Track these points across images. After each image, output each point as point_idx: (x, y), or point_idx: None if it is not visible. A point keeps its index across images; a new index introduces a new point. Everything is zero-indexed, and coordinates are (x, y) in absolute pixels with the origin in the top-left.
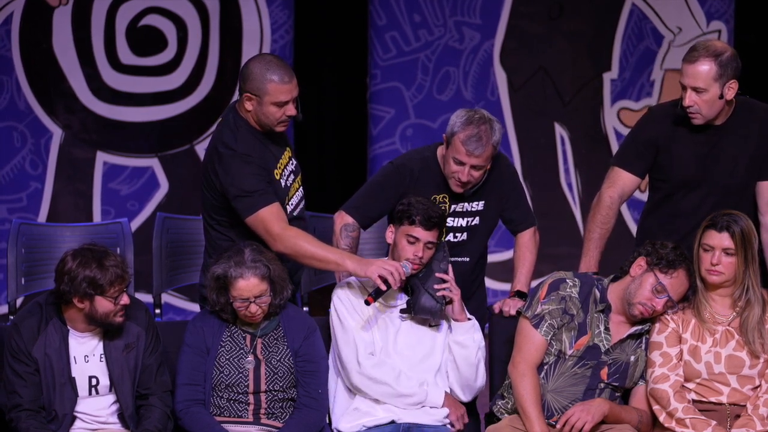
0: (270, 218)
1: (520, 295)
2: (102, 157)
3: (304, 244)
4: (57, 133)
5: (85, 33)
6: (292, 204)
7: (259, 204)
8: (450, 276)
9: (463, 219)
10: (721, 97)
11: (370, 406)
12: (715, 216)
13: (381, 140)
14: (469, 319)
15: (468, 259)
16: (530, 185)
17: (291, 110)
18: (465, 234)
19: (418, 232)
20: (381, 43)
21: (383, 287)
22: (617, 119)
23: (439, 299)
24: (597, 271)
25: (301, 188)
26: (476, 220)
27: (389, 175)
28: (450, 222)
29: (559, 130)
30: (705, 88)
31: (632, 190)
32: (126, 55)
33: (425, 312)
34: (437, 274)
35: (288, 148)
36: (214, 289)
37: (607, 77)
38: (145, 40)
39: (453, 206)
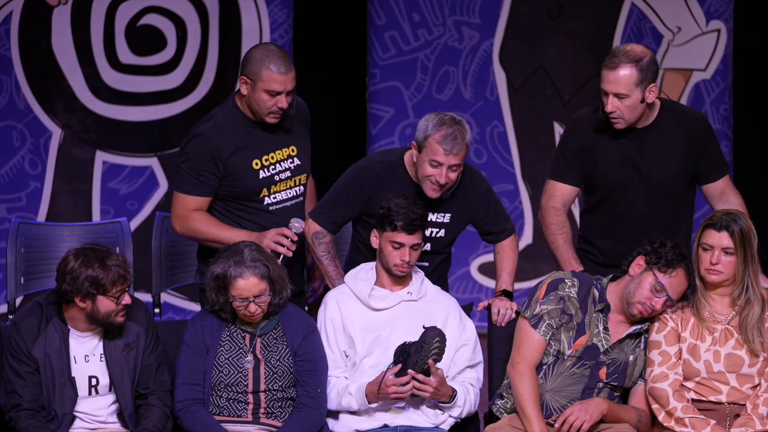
0: (183, 203)
1: (506, 294)
2: (101, 157)
3: (201, 227)
4: (56, 133)
5: (84, 32)
6: (274, 197)
7: (184, 187)
8: (419, 383)
9: (427, 229)
10: (643, 101)
11: (362, 413)
12: (715, 215)
13: (380, 139)
14: (454, 390)
15: (427, 264)
16: (530, 184)
17: (282, 102)
18: (428, 244)
19: (402, 237)
20: (380, 42)
21: (279, 263)
22: None
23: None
24: (584, 270)
25: (296, 189)
26: (441, 232)
27: (353, 181)
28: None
29: (559, 130)
30: (627, 94)
31: (573, 199)
32: (125, 55)
33: None
34: (409, 370)
35: (294, 147)
36: (213, 289)
37: None
38: (145, 39)
39: None
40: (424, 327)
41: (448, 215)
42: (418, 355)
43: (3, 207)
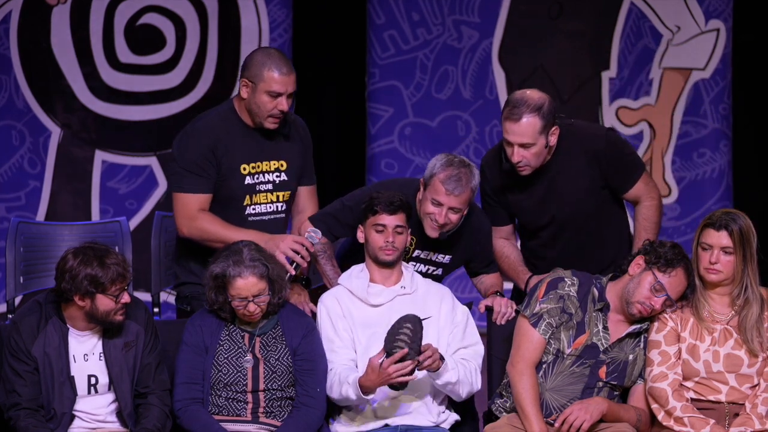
0: (187, 203)
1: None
2: (100, 156)
3: (210, 227)
4: (55, 132)
5: (83, 32)
6: (253, 209)
7: (186, 187)
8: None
9: (425, 266)
10: (547, 145)
11: (362, 411)
12: (714, 214)
13: (379, 139)
14: (442, 358)
15: None
16: None
17: (283, 104)
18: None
19: (383, 218)
20: (379, 41)
21: (292, 272)
22: (616, 118)
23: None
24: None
25: (277, 204)
26: (439, 271)
27: (360, 204)
28: (411, 266)
29: None
30: (532, 142)
31: (513, 231)
32: (124, 54)
33: None
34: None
35: (284, 162)
36: (212, 288)
37: (606, 76)
38: (144, 38)
39: (418, 252)
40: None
41: (448, 257)
42: (389, 338)
43: (2, 206)
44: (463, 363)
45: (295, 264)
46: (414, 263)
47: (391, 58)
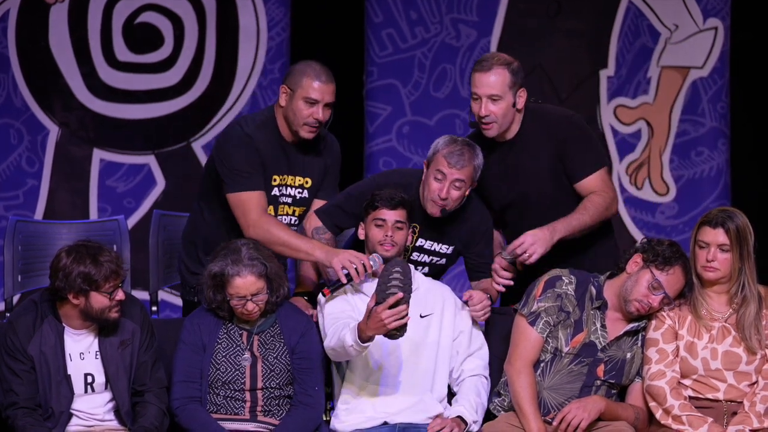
0: (250, 202)
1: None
2: (99, 155)
3: (277, 231)
4: (53, 131)
5: (81, 30)
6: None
7: (245, 186)
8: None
9: (428, 256)
10: (514, 105)
11: (361, 408)
12: (711, 212)
13: (377, 137)
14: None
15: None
16: None
17: (318, 113)
18: (426, 268)
19: (383, 213)
20: (377, 40)
21: (344, 280)
22: (614, 116)
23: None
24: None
25: (292, 218)
26: (442, 261)
27: (365, 194)
28: (414, 256)
29: None
30: (500, 95)
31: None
32: (123, 53)
33: None
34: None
35: (309, 180)
36: (210, 287)
37: (604, 74)
38: (142, 37)
39: (422, 242)
40: (421, 316)
41: (451, 248)
42: (380, 286)
43: (0, 205)
44: (479, 392)
45: (347, 273)
46: (418, 254)
47: (389, 57)
